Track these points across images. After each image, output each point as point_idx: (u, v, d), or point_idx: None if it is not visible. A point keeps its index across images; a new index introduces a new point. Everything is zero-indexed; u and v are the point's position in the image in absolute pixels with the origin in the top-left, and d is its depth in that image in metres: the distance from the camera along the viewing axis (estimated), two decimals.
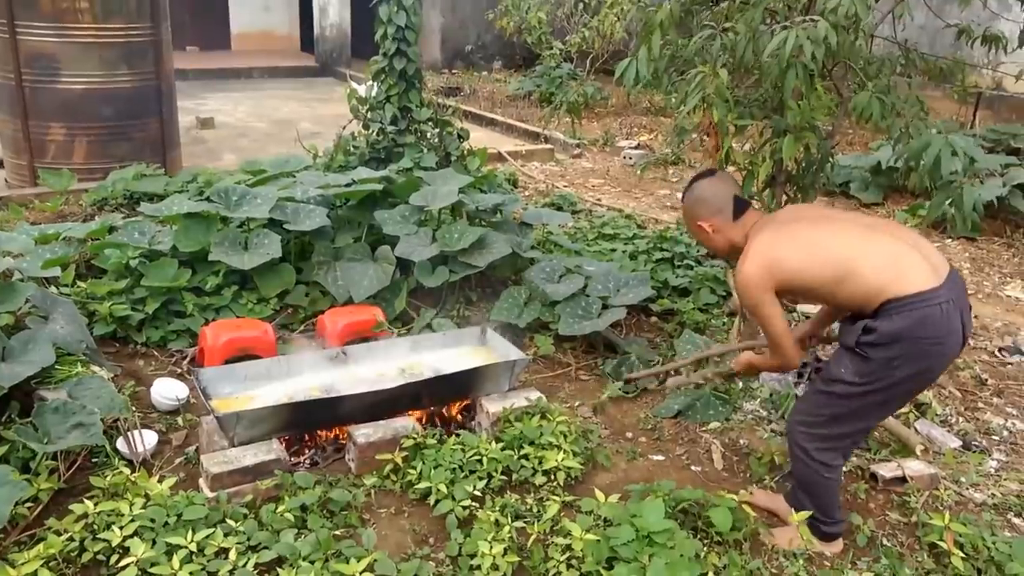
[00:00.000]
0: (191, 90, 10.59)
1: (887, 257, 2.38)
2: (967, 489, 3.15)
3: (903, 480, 3.10)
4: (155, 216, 4.36)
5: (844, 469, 3.16)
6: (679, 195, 7.16)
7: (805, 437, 2.59)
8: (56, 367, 3.16)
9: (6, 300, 3.31)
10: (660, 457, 3.25)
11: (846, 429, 2.57)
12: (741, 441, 3.37)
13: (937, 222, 6.37)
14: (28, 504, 2.61)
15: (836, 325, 2.79)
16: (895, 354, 2.35)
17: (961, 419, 3.69)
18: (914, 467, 3.15)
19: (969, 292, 5.20)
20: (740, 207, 2.61)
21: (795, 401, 2.72)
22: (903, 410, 3.62)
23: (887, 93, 3.11)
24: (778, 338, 2.54)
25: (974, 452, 3.42)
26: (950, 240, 6.28)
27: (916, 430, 3.50)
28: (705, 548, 2.58)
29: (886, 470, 3.14)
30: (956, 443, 3.47)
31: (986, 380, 4.06)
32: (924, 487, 3.09)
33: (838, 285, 2.40)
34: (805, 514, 2.71)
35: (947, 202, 3.05)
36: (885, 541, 2.82)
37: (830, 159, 3.63)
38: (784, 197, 3.68)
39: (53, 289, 3.85)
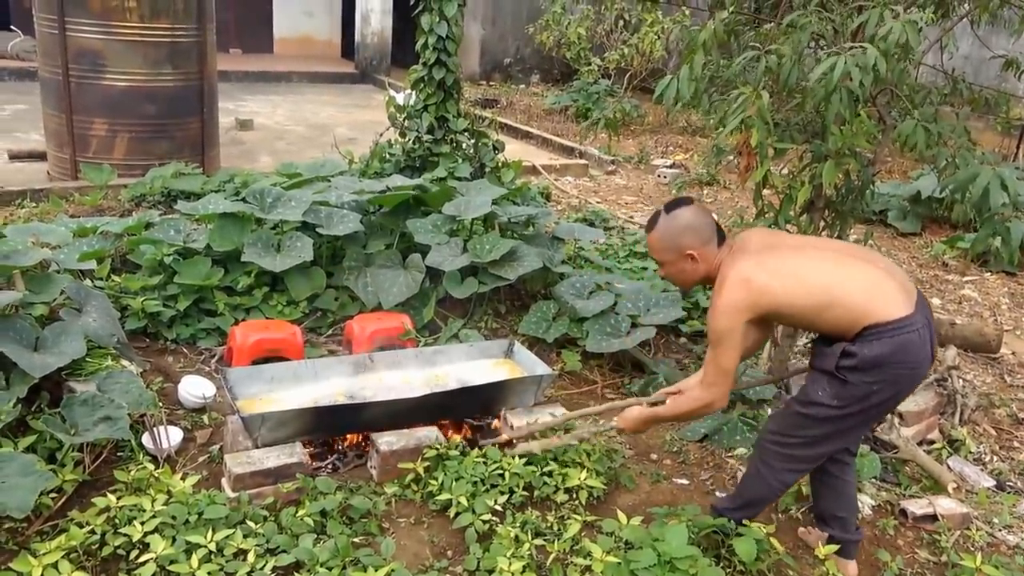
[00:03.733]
0: (232, 91, 10.70)
1: (867, 284, 2.39)
2: (1000, 531, 3.06)
3: (934, 518, 3.03)
4: (191, 214, 4.41)
5: (873, 504, 3.10)
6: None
7: (776, 456, 2.58)
8: (87, 359, 3.19)
9: (42, 291, 3.35)
10: (684, 481, 3.20)
11: (818, 451, 2.56)
12: None
13: (976, 255, 6.26)
14: (52, 495, 2.63)
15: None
16: (875, 379, 2.35)
17: (996, 458, 3.60)
18: (945, 505, 3.08)
19: (1007, 328, 5.15)
20: (721, 235, 2.56)
21: (768, 420, 2.66)
22: (936, 446, 3.55)
23: (933, 122, 3.06)
24: (727, 373, 2.48)
25: (1008, 493, 3.33)
26: (989, 274, 6.16)
27: (949, 467, 3.42)
28: None
29: (916, 507, 3.07)
30: (990, 483, 3.38)
31: (1023, 419, 3.96)
32: (955, 526, 3.01)
33: (821, 313, 2.39)
34: (832, 548, 2.66)
35: (993, 236, 2.99)
36: None
37: (870, 186, 3.57)
38: (822, 223, 3.63)
39: (88, 282, 3.89)
